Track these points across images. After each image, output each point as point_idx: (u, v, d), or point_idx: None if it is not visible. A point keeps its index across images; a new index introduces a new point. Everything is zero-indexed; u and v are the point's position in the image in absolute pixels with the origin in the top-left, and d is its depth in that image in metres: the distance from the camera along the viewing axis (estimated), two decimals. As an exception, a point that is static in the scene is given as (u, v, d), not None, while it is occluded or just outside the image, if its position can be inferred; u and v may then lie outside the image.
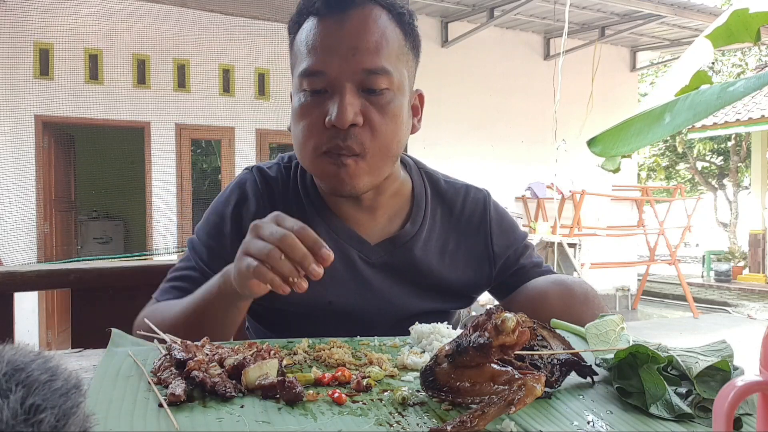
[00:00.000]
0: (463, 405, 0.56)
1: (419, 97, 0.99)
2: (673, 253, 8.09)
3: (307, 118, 0.87)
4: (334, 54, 0.84)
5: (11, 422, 0.31)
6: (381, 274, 0.98)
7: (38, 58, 5.51)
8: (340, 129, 0.84)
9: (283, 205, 0.98)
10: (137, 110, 5.92)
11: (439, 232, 1.03)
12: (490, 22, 7.14)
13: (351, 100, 0.84)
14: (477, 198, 1.07)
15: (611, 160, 0.90)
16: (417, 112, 0.99)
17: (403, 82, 0.90)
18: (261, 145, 6.52)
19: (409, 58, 0.93)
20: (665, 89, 0.89)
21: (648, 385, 0.58)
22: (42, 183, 5.66)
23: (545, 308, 0.90)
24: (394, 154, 0.91)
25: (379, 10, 0.88)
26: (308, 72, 0.86)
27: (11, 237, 5.39)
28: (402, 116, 0.90)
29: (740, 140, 12.59)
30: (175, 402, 0.54)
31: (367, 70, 0.84)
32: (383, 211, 0.99)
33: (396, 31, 0.89)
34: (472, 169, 7.34)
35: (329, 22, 0.86)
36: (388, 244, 0.99)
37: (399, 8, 0.91)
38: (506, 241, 1.06)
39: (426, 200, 1.03)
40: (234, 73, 6.29)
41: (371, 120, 0.86)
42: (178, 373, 0.59)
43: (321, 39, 0.86)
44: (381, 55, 0.85)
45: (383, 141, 0.87)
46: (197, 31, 5.95)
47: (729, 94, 0.69)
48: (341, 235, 0.97)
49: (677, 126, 0.74)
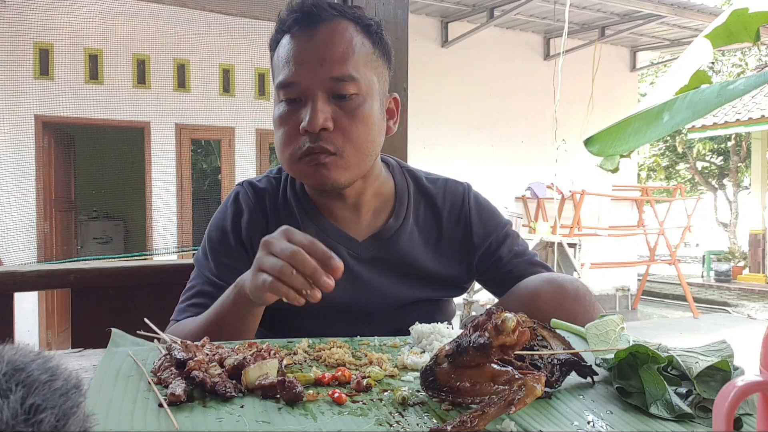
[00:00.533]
0: (463, 405, 0.56)
1: (394, 100, 1.05)
2: (673, 253, 8.10)
3: (285, 126, 0.95)
4: (305, 66, 0.93)
5: (11, 422, 0.31)
6: (371, 269, 1.03)
7: (38, 58, 5.51)
8: (313, 133, 0.91)
9: (274, 212, 1.05)
10: (137, 110, 5.92)
11: (423, 225, 1.08)
12: (490, 22, 7.15)
13: (321, 107, 0.91)
14: (456, 190, 1.12)
15: (610, 159, 0.90)
16: (393, 115, 1.05)
17: (372, 87, 0.96)
18: (261, 145, 6.52)
19: (378, 65, 0.99)
20: (665, 89, 0.89)
21: (648, 385, 0.58)
22: (42, 183, 5.66)
23: (538, 306, 0.91)
24: (370, 153, 0.97)
25: (347, 23, 0.95)
26: (283, 84, 0.94)
27: (11, 237, 5.39)
28: (372, 118, 0.96)
29: (740, 140, 12.59)
30: (175, 402, 0.54)
31: (334, 78, 0.92)
32: (367, 208, 1.05)
33: (364, 41, 0.96)
34: (472, 169, 7.34)
35: (301, 37, 0.94)
36: (374, 240, 1.04)
37: (366, 20, 0.99)
38: (485, 230, 1.10)
39: (408, 196, 1.09)
40: (234, 73, 6.29)
41: (341, 124, 0.93)
42: (178, 373, 0.59)
43: (293, 53, 0.94)
44: (347, 64, 0.93)
45: (355, 142, 0.94)
46: (197, 31, 5.96)
47: (729, 92, 0.70)
48: (330, 234, 1.03)
49: (676, 125, 0.74)
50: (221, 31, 6.03)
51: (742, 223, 12.61)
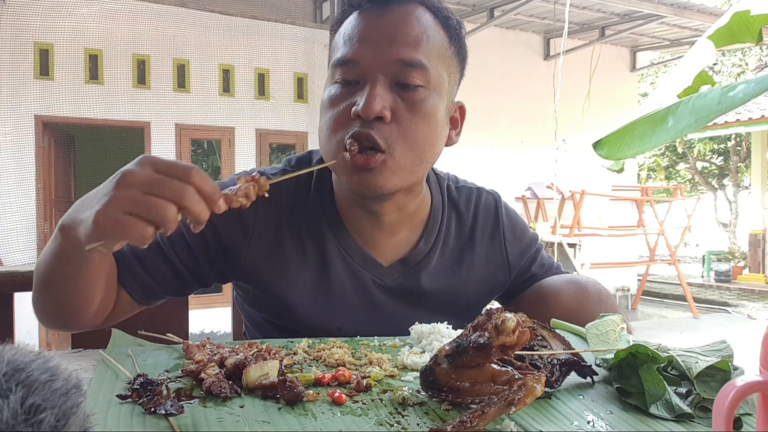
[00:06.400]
0: (463, 405, 0.56)
1: (460, 109, 0.95)
2: (673, 253, 8.09)
3: (335, 109, 0.83)
4: (370, 44, 0.81)
5: (11, 422, 0.31)
6: (393, 299, 0.94)
7: (38, 58, 5.51)
8: (366, 120, 0.79)
9: (289, 215, 0.92)
10: (137, 110, 5.92)
11: (453, 245, 0.98)
12: (490, 22, 7.14)
13: (381, 92, 0.79)
14: (488, 203, 1.04)
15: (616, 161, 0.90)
16: (456, 125, 0.94)
17: (441, 83, 0.85)
18: (261, 145, 6.52)
19: (451, 63, 0.88)
20: (667, 89, 0.89)
21: (648, 385, 0.58)
22: (42, 183, 5.66)
23: (559, 307, 0.90)
24: (426, 158, 0.85)
25: (424, 9, 0.85)
26: (341, 61, 0.83)
27: (11, 237, 5.39)
28: (436, 118, 0.84)
29: (740, 140, 12.59)
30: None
31: (401, 61, 0.80)
32: (402, 227, 0.94)
33: (439, 33, 0.86)
34: (472, 169, 7.33)
35: (370, 14, 0.83)
36: (401, 266, 0.94)
37: (446, 12, 0.88)
38: (520, 248, 1.03)
39: (442, 214, 0.99)
40: (234, 73, 6.29)
41: (400, 117, 0.81)
42: (161, 393, 0.54)
43: (359, 30, 0.83)
44: (419, 49, 0.81)
45: (411, 140, 0.82)
46: (197, 31, 5.96)
47: (729, 100, 0.70)
48: (354, 256, 0.92)
49: (680, 131, 0.74)
50: (221, 31, 6.03)
51: (742, 223, 12.61)
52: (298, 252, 0.91)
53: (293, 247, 0.91)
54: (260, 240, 0.91)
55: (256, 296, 0.94)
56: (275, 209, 0.92)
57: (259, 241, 0.91)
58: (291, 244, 0.91)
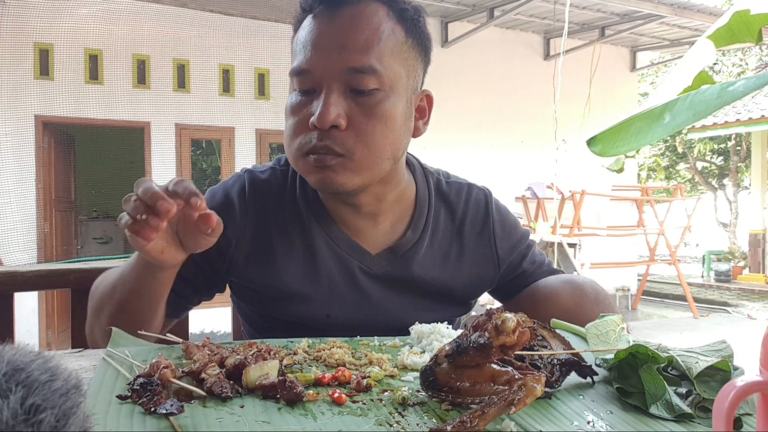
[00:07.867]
0: (463, 405, 0.56)
1: (427, 98, 0.95)
2: (673, 253, 8.09)
3: (295, 117, 0.86)
4: (322, 52, 0.82)
5: (11, 422, 0.31)
6: (381, 286, 0.95)
7: (38, 58, 5.51)
8: (322, 130, 0.81)
9: (276, 210, 0.95)
10: (137, 110, 5.92)
11: (442, 236, 1.00)
12: (490, 22, 7.14)
13: (335, 101, 0.81)
14: (479, 198, 1.05)
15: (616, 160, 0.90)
16: (423, 114, 0.95)
17: (397, 82, 0.85)
18: (261, 145, 6.52)
19: (409, 57, 0.88)
20: (667, 89, 0.89)
21: (648, 385, 0.58)
22: (42, 183, 5.66)
23: (556, 307, 0.90)
24: (386, 156, 0.86)
25: (377, 5, 0.85)
26: (296, 71, 0.85)
27: (11, 237, 5.39)
28: (394, 118, 0.85)
29: (740, 140, 12.59)
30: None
31: (352, 69, 0.81)
32: (385, 217, 0.96)
33: (395, 28, 0.85)
34: (472, 169, 7.33)
35: (321, 19, 0.84)
36: (389, 254, 0.95)
37: (402, 4, 0.87)
38: (510, 243, 1.04)
39: (429, 205, 1.00)
40: (234, 73, 6.29)
41: (356, 123, 0.82)
42: (161, 393, 0.55)
43: (311, 37, 0.84)
44: (370, 54, 0.82)
45: (369, 143, 0.83)
46: (197, 31, 5.96)
47: (729, 94, 0.70)
48: (341, 245, 0.94)
49: (677, 126, 0.74)
50: (221, 32, 6.03)
51: (742, 223, 12.61)
52: (286, 244, 0.94)
53: (281, 239, 0.94)
54: (249, 235, 0.94)
55: (247, 290, 0.97)
56: (263, 204, 0.95)
57: (248, 236, 0.94)
58: (279, 237, 0.94)
